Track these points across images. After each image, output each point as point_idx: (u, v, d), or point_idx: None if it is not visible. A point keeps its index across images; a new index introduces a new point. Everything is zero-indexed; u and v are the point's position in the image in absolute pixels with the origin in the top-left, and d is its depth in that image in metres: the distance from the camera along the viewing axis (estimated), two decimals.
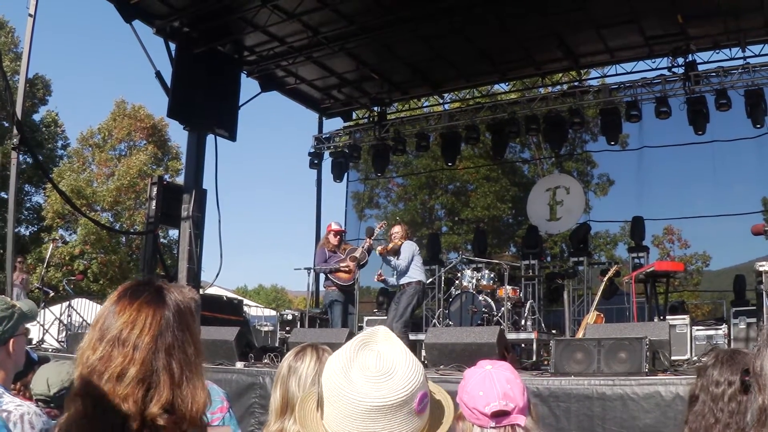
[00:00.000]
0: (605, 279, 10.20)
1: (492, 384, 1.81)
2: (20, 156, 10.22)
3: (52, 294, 15.09)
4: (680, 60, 12.83)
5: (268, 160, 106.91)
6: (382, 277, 10.25)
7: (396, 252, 9.70)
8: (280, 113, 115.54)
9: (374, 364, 1.31)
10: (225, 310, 12.22)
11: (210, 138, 12.38)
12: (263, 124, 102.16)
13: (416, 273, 9.72)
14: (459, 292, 11.14)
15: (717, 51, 12.95)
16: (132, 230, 28.69)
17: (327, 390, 1.32)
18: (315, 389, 1.39)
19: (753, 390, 1.48)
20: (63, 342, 12.23)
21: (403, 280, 9.67)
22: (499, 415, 1.79)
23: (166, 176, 27.33)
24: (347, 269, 10.32)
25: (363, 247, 10.44)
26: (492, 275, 11.35)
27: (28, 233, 30.74)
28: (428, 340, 8.01)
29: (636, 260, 12.58)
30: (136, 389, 1.46)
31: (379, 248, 9.91)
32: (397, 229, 10.05)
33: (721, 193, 15.42)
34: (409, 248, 9.75)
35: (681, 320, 9.59)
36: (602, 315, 9.69)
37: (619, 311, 12.13)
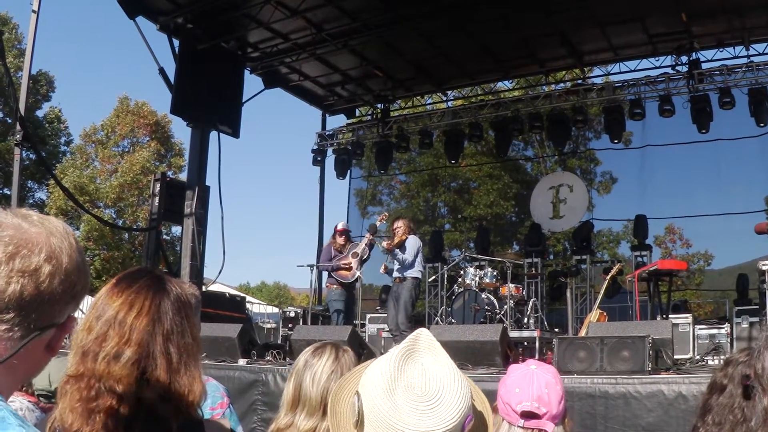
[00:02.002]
0: (608, 277, 10.20)
1: (530, 383, 1.80)
2: (23, 152, 10.21)
3: None
4: (684, 58, 12.82)
5: (271, 156, 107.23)
6: (386, 270, 10.27)
7: (401, 246, 9.74)
8: (283, 110, 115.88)
9: (420, 384, 1.23)
10: (227, 307, 12.21)
11: (213, 134, 12.38)
12: (267, 121, 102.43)
13: (417, 269, 9.78)
14: (462, 289, 11.14)
15: (721, 49, 12.90)
16: (135, 227, 28.70)
17: (369, 412, 1.24)
18: (352, 398, 1.28)
19: (757, 392, 1.45)
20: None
21: (406, 273, 9.70)
22: (529, 416, 1.78)
23: (170, 173, 27.34)
24: (348, 266, 10.35)
25: (364, 243, 10.47)
26: (495, 273, 11.35)
27: None
28: None
29: (639, 259, 12.56)
30: (131, 371, 1.43)
31: (385, 243, 9.93)
32: (399, 224, 10.08)
33: (724, 191, 15.41)
34: (415, 243, 9.83)
35: (684, 319, 9.59)
36: (605, 313, 9.69)
37: (621, 310, 12.10)
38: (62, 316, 1.20)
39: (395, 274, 9.89)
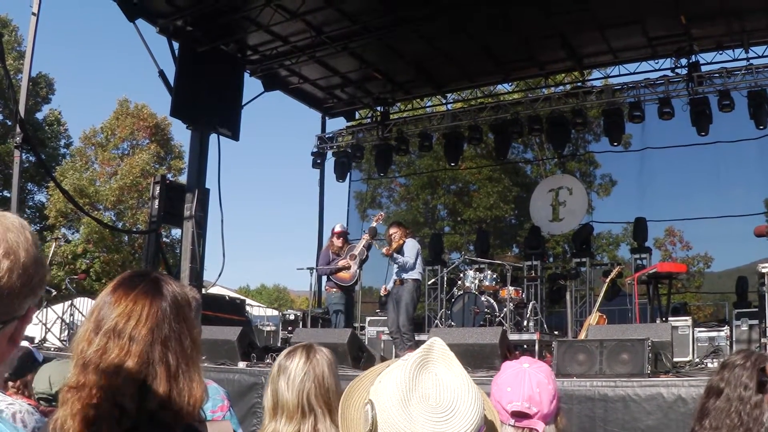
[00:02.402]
0: (608, 280, 10.19)
1: (521, 383, 1.80)
2: (23, 154, 10.21)
3: (54, 293, 15.09)
4: (683, 61, 12.82)
5: (270, 159, 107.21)
6: (387, 292, 10.29)
7: (400, 250, 9.73)
8: (283, 113, 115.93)
9: (435, 395, 1.24)
10: (227, 310, 12.20)
11: (213, 137, 12.39)
12: (266, 124, 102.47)
13: (417, 271, 9.78)
14: (461, 292, 11.12)
15: (720, 52, 12.92)
16: (135, 229, 28.71)
17: (384, 422, 1.24)
18: (365, 405, 1.29)
19: None
20: (65, 341, 12.24)
21: (406, 276, 9.69)
22: (519, 416, 1.78)
23: (169, 175, 27.34)
24: (347, 268, 10.34)
25: (362, 244, 10.45)
26: (494, 276, 11.34)
27: None
28: None
29: (638, 261, 12.58)
30: (132, 382, 1.44)
31: (384, 250, 9.91)
32: (394, 230, 10.05)
33: (723, 194, 15.43)
34: (413, 245, 9.83)
35: (683, 322, 9.59)
36: (604, 316, 9.69)
37: (621, 312, 12.11)
38: (22, 309, 1.22)
39: (395, 276, 9.89)
